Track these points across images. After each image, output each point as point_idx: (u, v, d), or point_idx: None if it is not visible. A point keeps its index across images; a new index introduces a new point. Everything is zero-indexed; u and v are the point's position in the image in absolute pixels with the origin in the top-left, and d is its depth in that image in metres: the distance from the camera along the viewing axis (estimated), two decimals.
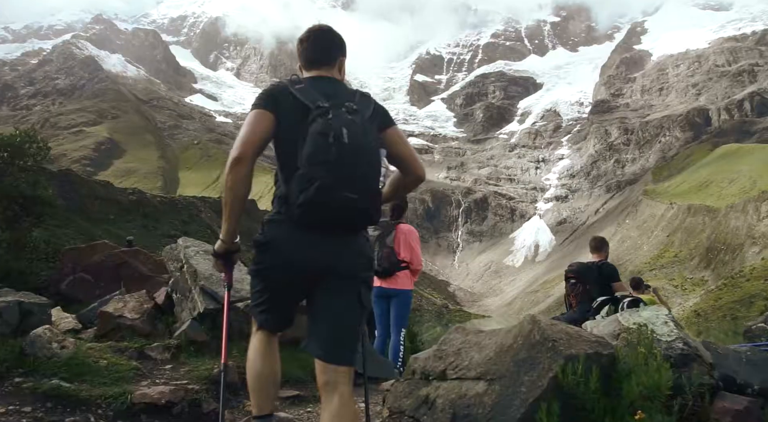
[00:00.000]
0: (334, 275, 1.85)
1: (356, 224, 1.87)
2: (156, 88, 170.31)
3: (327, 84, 1.96)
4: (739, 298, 55.51)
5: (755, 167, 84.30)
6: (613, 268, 4.86)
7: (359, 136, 1.75)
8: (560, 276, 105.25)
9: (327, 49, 2.05)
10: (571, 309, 4.76)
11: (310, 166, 1.73)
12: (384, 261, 4.14)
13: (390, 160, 2.02)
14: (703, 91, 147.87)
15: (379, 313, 4.37)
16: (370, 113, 1.91)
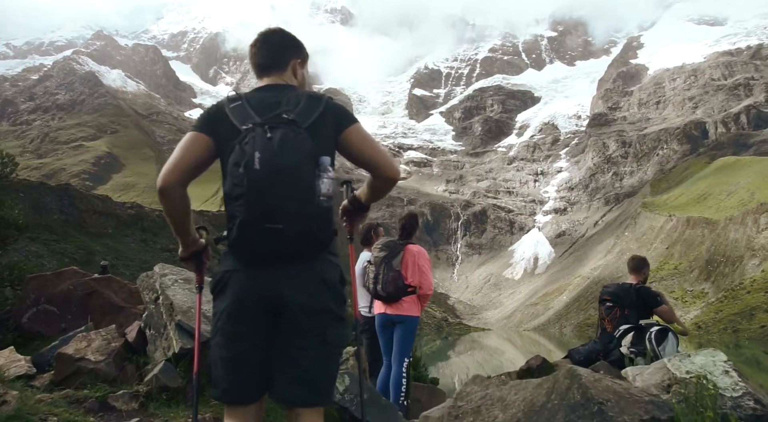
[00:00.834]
0: (289, 310, 1.64)
1: (299, 252, 1.63)
2: (156, 103, 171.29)
3: (273, 93, 1.77)
4: (739, 310, 55.32)
5: (753, 179, 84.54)
6: (652, 292, 4.44)
7: (276, 157, 1.54)
8: (559, 289, 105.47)
9: (276, 52, 1.87)
10: (605, 334, 4.41)
11: (228, 203, 1.61)
12: (389, 286, 3.78)
13: (355, 163, 1.81)
14: (699, 105, 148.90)
15: (384, 342, 3.99)
16: (314, 118, 1.69)
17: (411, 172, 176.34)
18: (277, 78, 1.84)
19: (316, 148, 1.63)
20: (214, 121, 1.72)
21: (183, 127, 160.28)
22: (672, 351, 3.61)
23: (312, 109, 1.70)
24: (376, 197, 1.92)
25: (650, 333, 3.79)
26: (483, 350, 38.90)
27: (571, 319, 79.57)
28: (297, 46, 1.92)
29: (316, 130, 1.66)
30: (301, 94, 1.75)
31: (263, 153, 1.53)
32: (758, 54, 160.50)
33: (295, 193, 1.55)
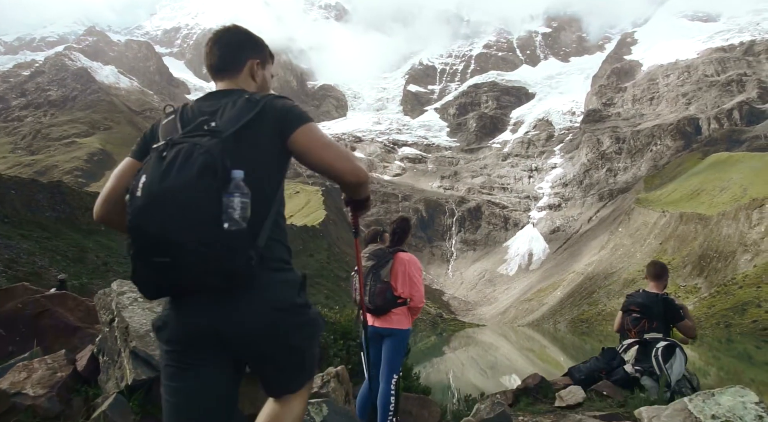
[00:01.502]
0: (233, 345, 1.45)
1: (208, 286, 1.39)
2: (149, 100, 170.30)
3: (214, 100, 1.58)
4: (731, 306, 55.75)
5: (746, 175, 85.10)
6: (678, 305, 4.17)
7: (160, 180, 1.31)
8: (554, 285, 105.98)
9: (230, 52, 1.66)
10: (608, 350, 4.20)
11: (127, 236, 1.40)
12: (377, 298, 3.49)
13: (314, 171, 1.58)
14: (693, 101, 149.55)
15: (373, 355, 3.67)
16: (243, 123, 1.46)
17: (406, 168, 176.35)
18: (230, 82, 1.65)
19: (233, 160, 1.38)
20: (147, 143, 1.56)
21: None
22: (680, 369, 3.43)
23: (242, 114, 1.48)
24: (354, 196, 1.76)
25: (656, 349, 3.57)
26: (477, 346, 39.00)
27: (565, 315, 79.93)
28: (255, 44, 1.71)
29: (244, 138, 1.44)
30: (242, 97, 1.54)
31: (149, 177, 1.33)
32: (751, 50, 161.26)
33: (186, 220, 1.30)
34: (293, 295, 1.49)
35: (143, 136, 1.58)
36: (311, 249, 64.79)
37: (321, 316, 1.62)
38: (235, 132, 1.43)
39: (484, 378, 18.98)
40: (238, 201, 1.33)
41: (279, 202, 1.53)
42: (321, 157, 1.50)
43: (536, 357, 29.68)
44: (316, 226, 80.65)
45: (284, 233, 1.55)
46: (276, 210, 1.50)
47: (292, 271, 1.53)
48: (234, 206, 1.32)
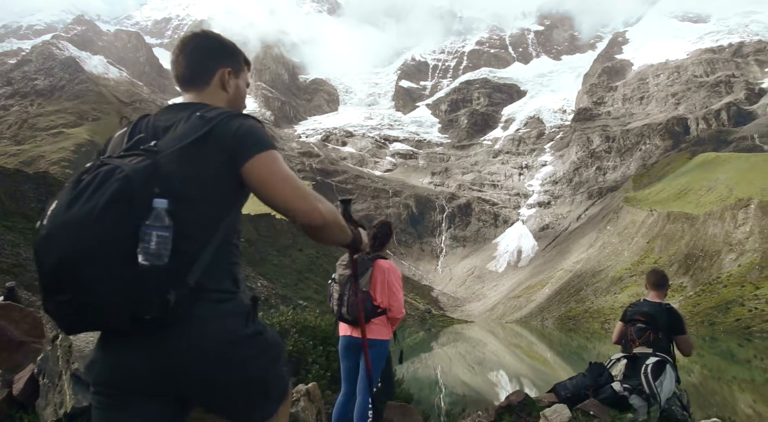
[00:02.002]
0: (164, 386, 1.28)
1: (116, 327, 1.23)
2: (139, 91, 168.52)
3: (172, 114, 1.39)
4: (716, 304, 56.51)
5: (732, 175, 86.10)
6: (681, 316, 4.04)
7: (64, 209, 1.16)
8: (542, 282, 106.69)
9: (197, 60, 1.49)
10: (595, 365, 3.98)
11: None
12: (354, 309, 3.26)
13: (264, 204, 1.38)
14: (682, 101, 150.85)
15: (346, 368, 3.51)
16: (186, 144, 1.28)
17: (397, 163, 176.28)
18: (197, 94, 1.47)
19: (166, 185, 1.21)
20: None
21: None
22: (670, 388, 3.30)
23: (189, 132, 1.29)
24: (318, 240, 1.43)
25: (646, 366, 3.38)
26: (465, 342, 39.20)
27: (553, 312, 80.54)
28: (226, 51, 1.52)
29: (185, 160, 1.26)
30: (195, 114, 1.34)
31: (58, 203, 1.18)
32: (739, 52, 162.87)
33: (88, 254, 1.13)
34: (239, 326, 1.32)
35: (97, 153, 1.40)
36: (300, 244, 64.62)
37: (278, 337, 1.46)
38: (174, 152, 1.26)
39: (472, 374, 19.05)
40: (155, 235, 1.16)
41: (227, 230, 1.33)
42: (275, 192, 1.30)
43: (523, 354, 29.88)
44: None
45: (232, 260, 1.36)
46: (221, 239, 1.31)
47: (236, 300, 1.35)
48: (149, 240, 1.15)
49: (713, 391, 15.43)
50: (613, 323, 56.88)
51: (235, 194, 1.33)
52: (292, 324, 5.22)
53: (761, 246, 62.97)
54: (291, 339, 4.82)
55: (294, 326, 5.16)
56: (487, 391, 14.83)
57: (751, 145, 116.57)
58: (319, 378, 4.40)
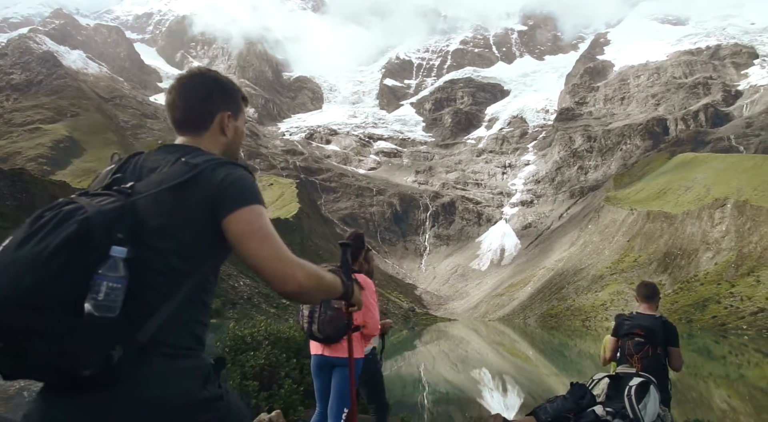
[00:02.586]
0: None
1: (49, 381, 1.11)
2: (119, 87, 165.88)
3: (161, 156, 1.28)
4: (693, 302, 57.63)
5: (709, 176, 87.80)
6: (676, 328, 3.90)
7: (21, 247, 1.04)
8: (524, 280, 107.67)
9: (195, 106, 1.38)
10: (577, 386, 3.70)
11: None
12: (327, 327, 3.07)
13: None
14: (661, 102, 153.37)
15: (319, 387, 3.33)
16: (165, 188, 1.18)
17: (381, 162, 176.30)
18: (193, 138, 1.36)
19: (133, 230, 1.12)
20: None
21: (148, 111, 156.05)
22: (654, 410, 3.20)
23: (170, 177, 1.20)
24: (294, 301, 1.33)
25: (629, 388, 3.23)
26: (449, 340, 39.39)
27: (535, 310, 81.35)
28: (225, 93, 1.42)
29: (161, 205, 1.17)
30: (180, 160, 1.24)
31: (10, 240, 1.08)
32: (716, 54, 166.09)
33: (31, 301, 1.01)
34: (194, 388, 1.16)
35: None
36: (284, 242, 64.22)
37: (243, 407, 1.30)
38: (150, 196, 1.16)
39: (455, 372, 19.14)
40: (106, 285, 1.05)
41: (197, 286, 1.21)
42: (252, 251, 1.17)
43: (506, 352, 30.11)
44: (289, 219, 79.99)
45: (197, 318, 1.22)
46: (186, 295, 1.18)
47: (196, 359, 1.20)
48: (98, 291, 1.04)
49: (690, 387, 15.73)
50: (594, 321, 57.87)
51: (211, 248, 1.21)
52: (265, 335, 4.92)
53: (737, 245, 64.35)
54: (263, 351, 4.53)
55: (267, 338, 4.86)
56: (470, 389, 14.93)
57: (727, 146, 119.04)
58: (292, 393, 4.12)
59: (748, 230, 65.81)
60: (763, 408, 12.94)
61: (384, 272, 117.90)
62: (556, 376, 19.26)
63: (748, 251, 61.80)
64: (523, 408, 12.39)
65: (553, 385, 16.69)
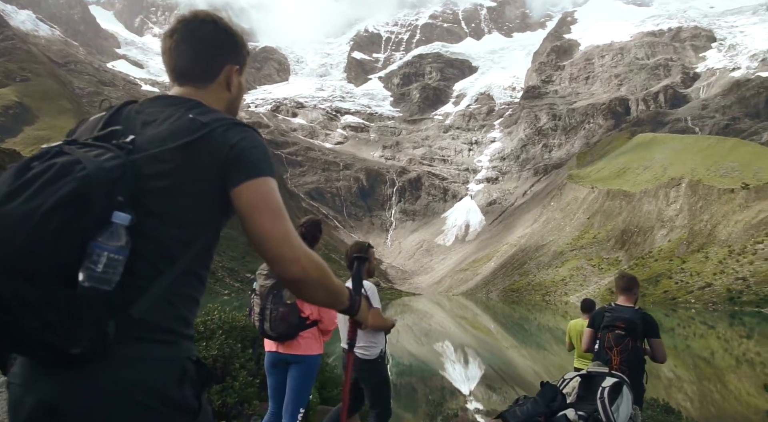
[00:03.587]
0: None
1: (32, 355, 0.98)
2: (74, 51, 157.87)
3: (159, 108, 1.13)
4: (647, 277, 60.11)
5: (667, 155, 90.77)
6: (655, 320, 3.82)
7: (7, 201, 0.89)
8: (488, 256, 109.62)
9: (203, 55, 1.20)
10: (548, 387, 3.51)
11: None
12: (279, 325, 2.88)
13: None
14: (624, 82, 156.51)
15: (273, 385, 3.12)
16: (169, 148, 1.03)
17: (348, 136, 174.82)
18: (194, 90, 1.20)
19: (133, 194, 0.98)
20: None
21: (105, 79, 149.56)
22: (627, 412, 3.12)
23: (177, 134, 1.05)
24: (300, 297, 1.17)
25: (602, 390, 3.11)
26: (413, 314, 40.01)
27: (497, 285, 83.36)
28: (234, 43, 1.25)
29: (165, 166, 1.03)
30: (186, 116, 1.09)
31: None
32: (677, 37, 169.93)
33: (19, 265, 0.88)
34: (166, 382, 1.00)
35: (66, 135, 1.16)
36: None
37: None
38: (153, 155, 1.03)
39: (419, 346, 19.50)
40: (106, 256, 0.91)
41: (195, 257, 1.08)
42: (261, 228, 1.05)
43: (468, 325, 30.82)
44: None
45: (191, 294, 1.09)
46: (184, 268, 1.06)
47: (173, 347, 1.04)
48: (97, 261, 0.91)
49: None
50: (554, 296, 59.40)
51: (213, 216, 1.10)
52: (219, 324, 4.57)
53: (689, 222, 67.14)
54: (216, 341, 4.20)
55: (221, 326, 4.50)
56: (433, 362, 15.26)
57: (684, 127, 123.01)
58: (247, 386, 3.75)
59: (700, 209, 68.69)
60: (705, 376, 13.73)
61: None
62: (515, 349, 19.88)
63: (699, 229, 64.60)
64: (483, 380, 12.76)
65: (514, 357, 17.23)
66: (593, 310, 5.09)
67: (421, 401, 8.22)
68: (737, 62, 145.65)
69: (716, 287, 50.56)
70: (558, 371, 14.45)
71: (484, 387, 11.87)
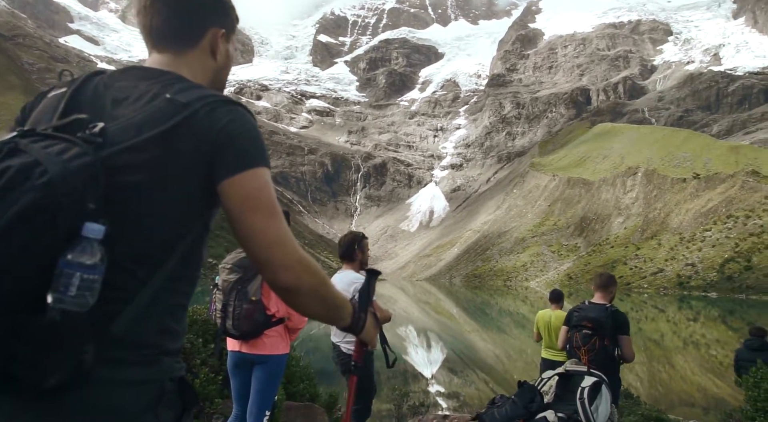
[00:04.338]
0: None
1: (12, 391, 0.78)
2: (22, 24, 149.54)
3: (133, 81, 0.91)
4: (603, 263, 62.19)
5: (624, 145, 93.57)
6: (626, 318, 3.77)
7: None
8: (451, 242, 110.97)
9: (184, 14, 0.99)
10: (526, 388, 3.34)
11: None
12: (243, 323, 2.68)
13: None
14: (585, 73, 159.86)
15: (237, 387, 2.92)
16: (149, 136, 0.81)
17: (313, 120, 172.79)
18: (174, 56, 0.98)
19: (104, 197, 0.78)
20: (19, 124, 0.93)
21: (57, 54, 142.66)
22: (606, 412, 3.06)
23: (153, 121, 0.84)
24: (292, 306, 0.98)
25: (581, 390, 3.05)
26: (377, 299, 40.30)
27: (460, 270, 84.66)
28: (219, 3, 1.05)
29: (139, 161, 0.82)
30: (163, 96, 0.86)
31: None
32: (637, 29, 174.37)
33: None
34: (137, 408, 0.83)
35: (21, 111, 0.96)
36: None
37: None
38: (129, 147, 0.82)
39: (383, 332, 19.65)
40: (79, 277, 0.73)
41: (182, 261, 0.89)
42: (252, 227, 0.87)
43: (431, 310, 31.24)
44: None
45: (176, 301, 0.91)
46: (170, 273, 0.87)
47: (157, 366, 0.86)
48: (69, 284, 0.72)
49: None
50: (515, 281, 60.71)
51: (200, 212, 0.91)
52: None
53: (644, 210, 69.68)
54: None
55: None
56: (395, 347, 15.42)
57: (641, 118, 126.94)
58: (209, 383, 3.60)
59: (654, 197, 71.30)
60: (654, 357, 14.39)
61: (314, 232, 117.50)
62: (477, 333, 20.31)
63: (653, 216, 67.11)
64: (445, 364, 12.99)
65: (475, 342, 17.60)
66: (561, 301, 5.23)
67: (384, 386, 8.32)
68: (691, 56, 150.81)
69: (667, 273, 52.79)
70: (518, 354, 14.87)
71: (445, 370, 12.09)
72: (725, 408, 7.70)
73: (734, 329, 22.47)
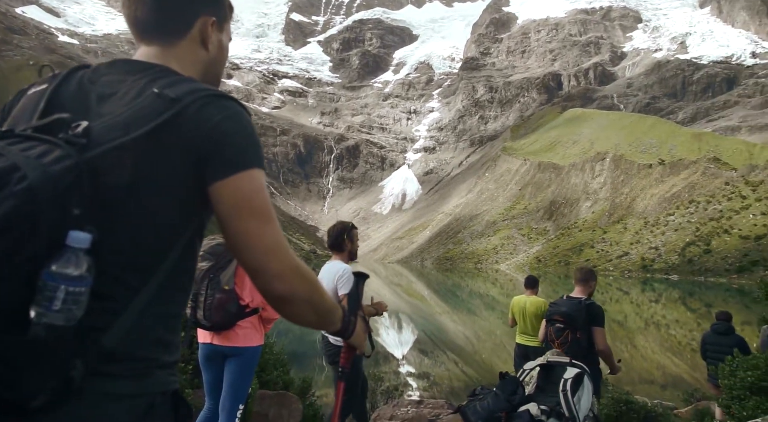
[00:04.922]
0: None
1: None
2: None
3: (119, 76, 0.83)
4: (571, 246, 63.68)
5: (594, 131, 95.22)
6: (600, 310, 3.81)
7: None
8: (423, 225, 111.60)
9: (171, 3, 0.90)
10: (508, 381, 3.16)
11: None
12: (214, 313, 2.57)
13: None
14: (557, 58, 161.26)
15: (209, 380, 2.81)
16: (136, 136, 0.74)
17: (285, 101, 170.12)
18: (162, 48, 0.90)
19: (89, 203, 0.71)
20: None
21: (15, 26, 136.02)
22: (588, 403, 3.02)
23: (140, 118, 0.76)
24: (284, 315, 0.90)
25: (564, 382, 3.01)
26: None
27: (432, 253, 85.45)
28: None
29: (126, 163, 0.75)
30: (151, 90, 0.78)
31: None
32: (608, 15, 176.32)
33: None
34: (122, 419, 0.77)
35: (0, 110, 0.87)
36: None
37: None
38: (113, 150, 0.74)
39: None
40: (64, 290, 0.67)
41: (175, 267, 0.82)
42: (246, 234, 0.79)
43: (403, 292, 31.50)
44: None
45: (171, 311, 0.84)
46: (162, 280, 0.80)
47: (148, 380, 0.79)
48: (53, 298, 0.66)
49: None
50: (486, 263, 61.58)
51: (194, 213, 0.83)
52: None
53: (611, 195, 71.35)
54: None
55: None
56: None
57: (610, 104, 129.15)
58: (181, 373, 3.51)
59: (622, 182, 73.01)
60: (618, 338, 14.88)
61: (286, 214, 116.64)
62: (447, 314, 20.61)
63: (619, 201, 68.79)
64: (416, 345, 13.16)
65: (445, 323, 17.86)
66: (536, 287, 5.34)
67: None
68: (659, 44, 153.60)
69: (632, 256, 54.38)
70: (487, 336, 15.16)
71: (417, 352, 12.25)
72: (686, 388, 8.03)
73: (692, 310, 23.37)
